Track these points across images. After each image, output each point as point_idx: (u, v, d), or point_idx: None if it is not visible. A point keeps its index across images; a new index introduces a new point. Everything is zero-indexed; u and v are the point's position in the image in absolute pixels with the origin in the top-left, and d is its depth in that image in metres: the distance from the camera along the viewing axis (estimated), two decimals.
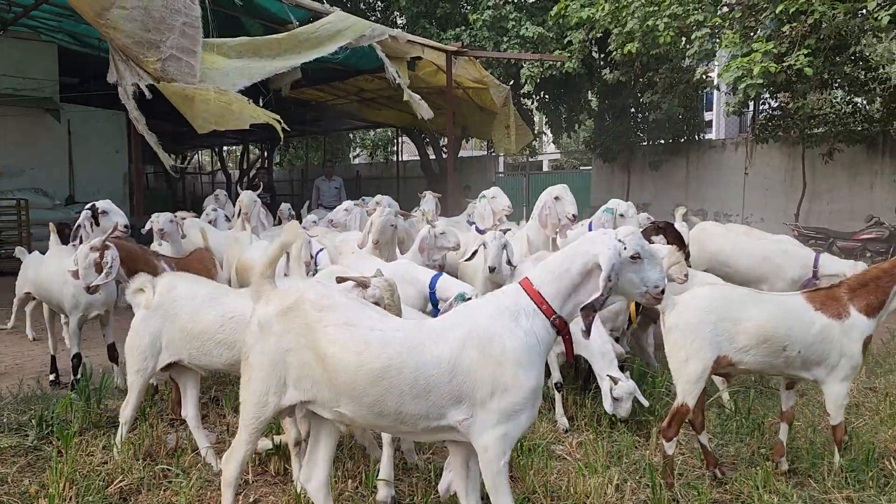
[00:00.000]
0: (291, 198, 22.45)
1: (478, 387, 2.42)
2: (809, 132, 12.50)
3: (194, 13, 6.71)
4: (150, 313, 3.54)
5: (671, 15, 9.15)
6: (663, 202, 14.08)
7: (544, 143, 33.08)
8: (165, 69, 6.52)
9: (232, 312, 3.42)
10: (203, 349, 3.45)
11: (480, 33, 12.51)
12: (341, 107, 16.41)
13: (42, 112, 13.14)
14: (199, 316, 3.45)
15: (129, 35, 6.38)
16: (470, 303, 2.77)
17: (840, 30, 8.04)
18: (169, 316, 3.51)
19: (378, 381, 2.42)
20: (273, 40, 8.05)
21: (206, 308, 3.46)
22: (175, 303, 3.52)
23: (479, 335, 2.45)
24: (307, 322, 2.54)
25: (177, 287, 3.58)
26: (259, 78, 7.49)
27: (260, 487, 3.44)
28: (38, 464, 3.65)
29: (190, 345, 3.48)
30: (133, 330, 3.60)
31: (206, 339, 3.43)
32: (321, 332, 2.51)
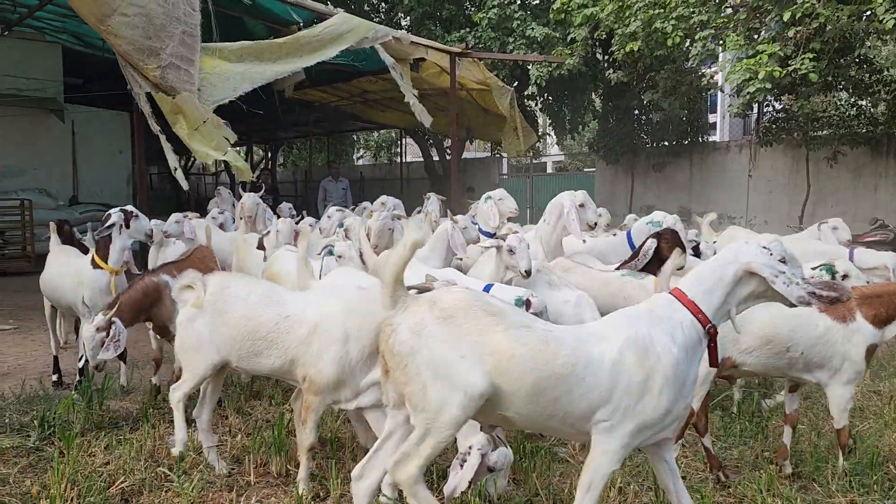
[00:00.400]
0: (295, 198, 22.49)
1: (627, 393, 2.48)
2: (813, 135, 12.47)
3: (193, 21, 6.72)
4: (199, 312, 3.45)
5: (678, 17, 9.13)
6: (666, 204, 14.04)
7: (548, 145, 33.08)
8: (165, 76, 6.54)
9: (287, 313, 3.31)
10: (254, 349, 3.34)
11: (486, 34, 12.51)
12: (345, 108, 16.43)
13: (46, 112, 13.18)
14: (253, 316, 3.34)
15: (129, 42, 6.40)
16: (625, 309, 2.73)
17: (845, 32, 8.02)
18: (220, 314, 3.40)
19: (561, 380, 2.46)
20: (275, 44, 8.04)
21: (261, 308, 3.35)
22: (227, 301, 3.42)
23: (638, 342, 2.51)
24: (481, 327, 2.52)
25: (230, 286, 3.49)
26: (261, 82, 7.49)
27: (262, 489, 3.43)
28: (39, 464, 3.64)
29: (240, 345, 3.36)
30: (182, 329, 3.50)
31: (257, 340, 3.32)
32: (502, 335, 2.49)
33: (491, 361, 2.48)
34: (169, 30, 6.49)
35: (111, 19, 6.27)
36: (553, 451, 3.81)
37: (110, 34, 6.37)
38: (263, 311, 3.34)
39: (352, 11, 10.82)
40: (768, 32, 8.72)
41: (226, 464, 3.66)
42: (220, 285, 3.47)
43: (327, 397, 3.20)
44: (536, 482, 3.38)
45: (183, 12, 6.62)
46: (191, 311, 3.47)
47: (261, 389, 4.93)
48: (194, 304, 3.46)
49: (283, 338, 3.27)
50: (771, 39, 8.44)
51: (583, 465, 2.55)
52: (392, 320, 2.60)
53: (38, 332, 7.24)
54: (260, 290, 3.47)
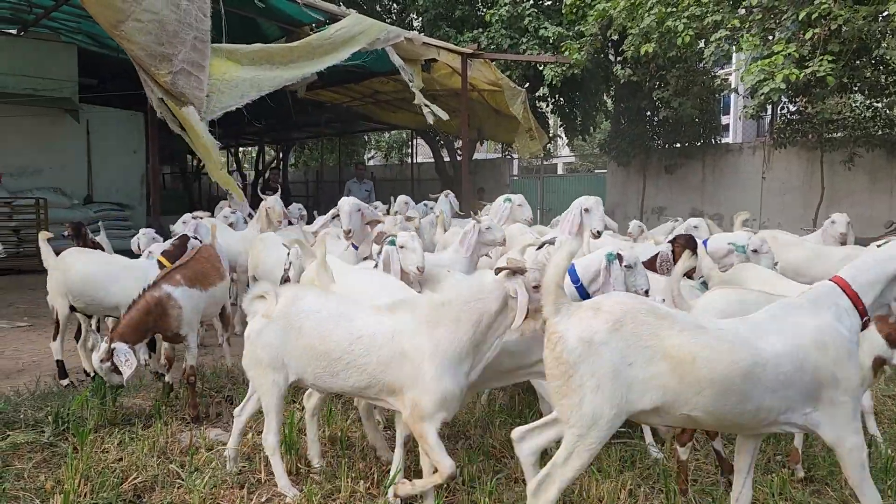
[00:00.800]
0: (306, 199, 22.59)
1: (819, 381, 2.56)
2: (828, 137, 12.37)
3: (205, 27, 6.78)
4: (269, 324, 3.22)
5: (690, 16, 9.07)
6: (678, 206, 13.99)
7: (559, 146, 33.02)
8: (175, 82, 6.60)
9: (361, 331, 3.09)
10: (330, 370, 3.11)
11: (497, 34, 12.49)
12: (356, 108, 16.48)
13: (61, 112, 13.30)
14: (326, 333, 3.12)
15: (142, 47, 6.47)
16: (786, 300, 2.80)
17: (861, 34, 7.95)
18: (292, 329, 3.18)
19: (747, 377, 2.50)
20: (286, 48, 8.08)
21: (334, 325, 3.13)
22: (299, 316, 3.19)
23: (813, 330, 2.59)
24: (653, 332, 2.54)
25: (302, 299, 3.26)
26: (269, 90, 7.54)
27: (273, 486, 3.44)
28: (53, 460, 3.68)
29: (315, 364, 3.14)
30: (250, 343, 3.27)
31: (333, 360, 3.09)
32: (678, 339, 2.52)
33: (665, 365, 2.51)
34: (181, 36, 6.55)
35: (125, 24, 6.33)
36: None
37: (124, 39, 6.45)
38: (336, 329, 3.12)
39: (364, 12, 10.83)
40: (784, 33, 8.65)
41: (237, 462, 3.68)
42: (292, 297, 3.28)
43: (437, 418, 2.96)
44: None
45: (195, 18, 6.68)
46: (261, 323, 3.25)
47: None
48: (265, 314, 3.25)
49: (360, 360, 3.05)
50: (787, 40, 8.37)
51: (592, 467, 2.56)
52: (557, 328, 2.59)
53: (52, 329, 7.29)
54: (332, 304, 3.23)
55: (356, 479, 3.45)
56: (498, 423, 4.19)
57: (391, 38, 9.20)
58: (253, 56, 7.59)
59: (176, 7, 6.54)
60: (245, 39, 10.42)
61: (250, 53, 7.58)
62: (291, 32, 9.94)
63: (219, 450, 3.85)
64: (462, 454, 3.69)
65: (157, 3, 6.41)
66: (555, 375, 2.59)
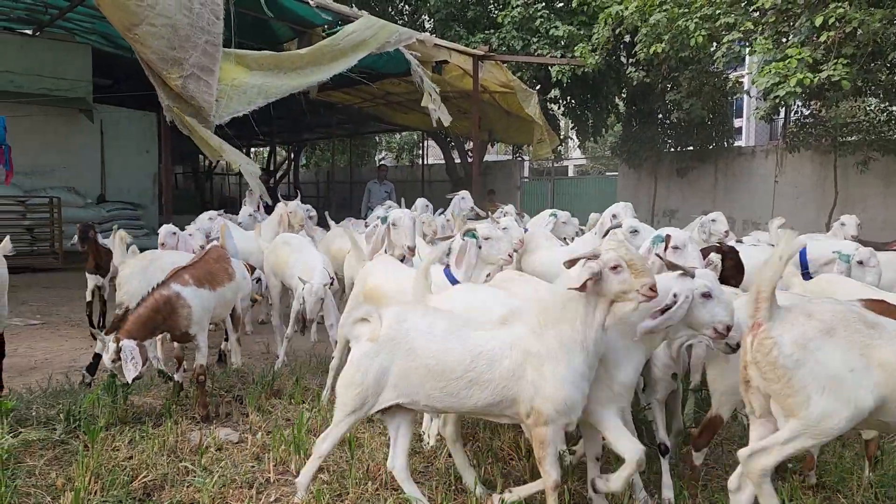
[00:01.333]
0: (317, 199, 22.67)
1: None
2: (842, 140, 12.27)
3: (216, 30, 6.82)
4: (376, 347, 3.07)
5: (702, 17, 9.02)
6: (690, 209, 13.91)
7: (570, 149, 32.95)
8: (186, 86, 6.66)
9: (480, 346, 3.00)
10: (448, 389, 3.00)
11: (509, 35, 12.47)
12: (368, 109, 16.52)
13: (75, 112, 13.42)
14: (443, 352, 3.01)
15: (154, 51, 6.53)
16: None
17: (877, 37, 7.88)
18: (401, 351, 3.05)
19: None
20: (296, 55, 8.10)
21: (450, 343, 3.03)
22: (409, 336, 3.07)
23: None
24: (864, 339, 2.62)
25: (408, 318, 3.13)
26: (276, 97, 7.58)
27: (281, 486, 3.45)
28: (65, 457, 3.70)
29: (430, 385, 3.03)
30: (353, 366, 3.11)
31: (452, 379, 2.98)
32: (888, 348, 2.59)
33: (880, 374, 2.57)
34: (193, 40, 6.60)
35: (139, 28, 6.39)
36: (570, 455, 3.79)
37: (137, 42, 6.51)
38: (453, 347, 3.02)
39: (375, 14, 10.86)
40: (797, 36, 8.59)
41: (246, 461, 3.69)
42: (397, 318, 3.13)
43: (559, 423, 2.91)
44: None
45: (207, 21, 6.72)
46: (367, 347, 3.10)
47: (281, 388, 4.97)
48: (370, 337, 3.11)
49: (484, 376, 2.96)
50: (800, 43, 8.31)
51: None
52: (771, 333, 2.66)
53: (64, 327, 7.37)
54: (442, 323, 3.12)
55: (364, 479, 3.46)
56: (506, 426, 4.18)
57: (403, 40, 9.21)
58: (262, 62, 7.62)
59: (189, 11, 6.58)
60: (256, 40, 10.50)
61: (259, 59, 7.61)
62: (303, 33, 9.98)
63: (228, 449, 3.87)
64: (471, 456, 3.68)
65: (170, 8, 6.45)
66: (772, 379, 2.66)
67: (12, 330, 7.21)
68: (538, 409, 2.89)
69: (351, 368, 3.13)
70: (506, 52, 12.32)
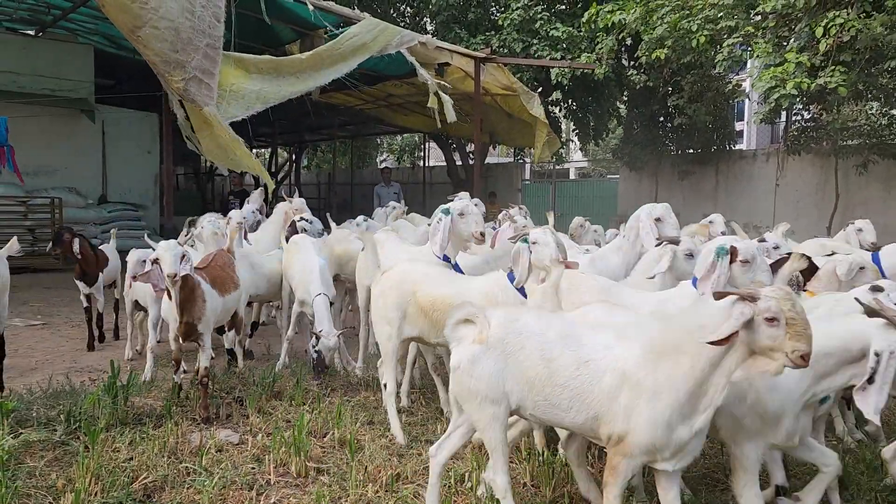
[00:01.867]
0: (318, 201, 22.67)
1: None
2: (843, 144, 12.28)
3: (217, 33, 6.87)
4: (484, 350, 2.85)
5: (704, 18, 9.04)
6: (691, 212, 13.91)
7: (571, 151, 32.96)
8: (188, 89, 6.73)
9: (589, 355, 2.73)
10: (552, 399, 2.76)
11: (509, 36, 12.50)
12: (369, 111, 16.53)
13: (77, 112, 13.44)
14: (552, 356, 2.77)
15: (157, 54, 6.58)
16: None
17: (877, 42, 7.89)
18: (511, 354, 2.83)
19: None
20: (296, 59, 8.13)
21: (560, 347, 2.78)
22: (519, 338, 2.85)
23: None
24: None
25: (519, 319, 2.92)
26: (275, 102, 7.66)
27: (281, 488, 3.45)
28: (65, 458, 3.70)
29: (536, 392, 2.79)
30: (462, 373, 2.90)
31: (556, 386, 2.74)
32: None
33: None
34: (195, 43, 6.65)
35: (142, 31, 6.44)
36: None
37: (140, 44, 6.59)
38: (562, 353, 2.77)
39: (377, 16, 10.87)
40: (797, 41, 8.61)
41: (246, 463, 3.69)
42: (508, 318, 2.92)
43: (639, 459, 2.67)
44: (547, 489, 3.37)
45: (208, 24, 6.76)
46: (472, 350, 2.87)
47: (282, 390, 4.97)
48: (477, 339, 2.88)
49: (585, 388, 2.71)
50: (799, 49, 8.32)
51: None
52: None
53: (65, 327, 7.38)
54: (557, 325, 2.88)
55: (365, 482, 3.46)
56: None
57: (404, 42, 9.22)
58: (261, 66, 7.66)
59: (191, 14, 6.61)
60: (259, 42, 10.50)
61: (259, 63, 7.65)
62: (305, 35, 9.98)
63: (228, 451, 3.87)
64: (470, 458, 3.68)
65: (173, 11, 6.49)
66: None
67: (13, 330, 7.22)
68: (620, 439, 2.64)
69: (458, 374, 2.90)
70: (506, 53, 12.33)
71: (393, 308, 4.17)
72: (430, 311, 4.05)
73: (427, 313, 4.08)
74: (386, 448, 3.94)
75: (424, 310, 4.08)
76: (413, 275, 4.22)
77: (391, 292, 4.20)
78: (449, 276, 4.29)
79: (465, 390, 2.89)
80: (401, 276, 4.25)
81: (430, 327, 4.08)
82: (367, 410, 4.60)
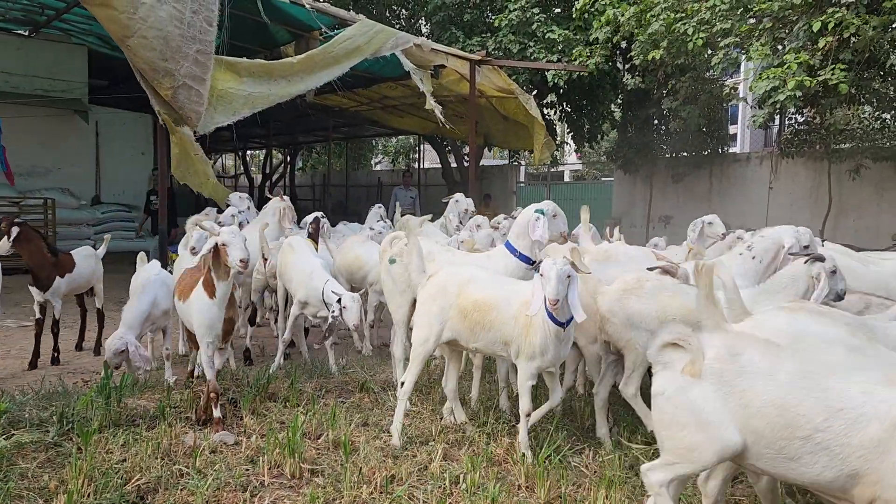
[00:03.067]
0: (313, 203, 22.64)
1: None
2: (836, 147, 12.33)
3: (208, 38, 6.89)
4: (697, 383, 2.56)
5: (700, 21, 9.06)
6: (685, 215, 13.95)
7: (566, 153, 33.01)
8: (177, 96, 6.76)
9: (842, 402, 2.34)
10: (788, 451, 2.39)
11: (506, 39, 12.51)
12: (364, 113, 16.53)
13: (71, 113, 13.40)
14: (791, 402, 2.40)
15: (146, 62, 6.63)
16: None
17: (872, 44, 7.92)
18: (732, 393, 2.50)
19: None
20: (287, 63, 8.13)
21: (800, 390, 2.40)
22: (743, 376, 2.52)
23: None
24: None
25: (744, 353, 2.58)
26: (264, 106, 7.70)
27: (276, 490, 3.44)
28: (57, 460, 3.68)
29: (765, 445, 2.45)
30: (668, 401, 2.64)
31: (795, 438, 2.37)
32: None
33: None
34: (184, 50, 6.70)
35: (131, 40, 6.49)
36: (566, 461, 3.79)
37: (129, 52, 6.65)
38: (803, 399, 2.39)
39: (373, 17, 10.87)
40: (794, 42, 8.62)
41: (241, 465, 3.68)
42: (728, 351, 2.59)
43: None
44: (541, 490, 3.37)
45: (199, 30, 6.79)
46: (682, 381, 2.60)
47: (276, 391, 4.95)
48: (689, 371, 2.58)
49: (839, 441, 2.31)
50: (797, 50, 8.34)
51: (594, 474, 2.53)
52: None
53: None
54: (789, 363, 2.50)
55: (359, 483, 3.45)
56: (503, 432, 4.19)
57: (399, 45, 9.22)
58: (252, 70, 7.71)
59: (180, 22, 6.65)
60: (254, 44, 10.49)
61: (250, 67, 7.70)
62: (301, 37, 9.98)
63: (222, 452, 3.86)
64: (466, 461, 3.68)
65: (162, 20, 6.54)
66: None
67: (6, 331, 7.20)
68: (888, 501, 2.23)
69: (662, 401, 2.67)
70: (502, 55, 12.33)
71: (436, 313, 4.09)
72: (472, 311, 3.96)
73: (467, 315, 3.99)
74: (380, 450, 3.93)
75: (465, 311, 3.99)
76: (458, 277, 4.15)
77: (437, 295, 4.12)
78: (496, 280, 4.20)
79: (670, 420, 2.65)
80: (447, 278, 4.17)
81: (468, 330, 4.00)
82: (362, 412, 4.59)
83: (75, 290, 6.18)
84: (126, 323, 4.84)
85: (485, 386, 5.03)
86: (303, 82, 8.20)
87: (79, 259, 6.07)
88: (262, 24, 9.82)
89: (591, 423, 4.38)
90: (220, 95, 7.20)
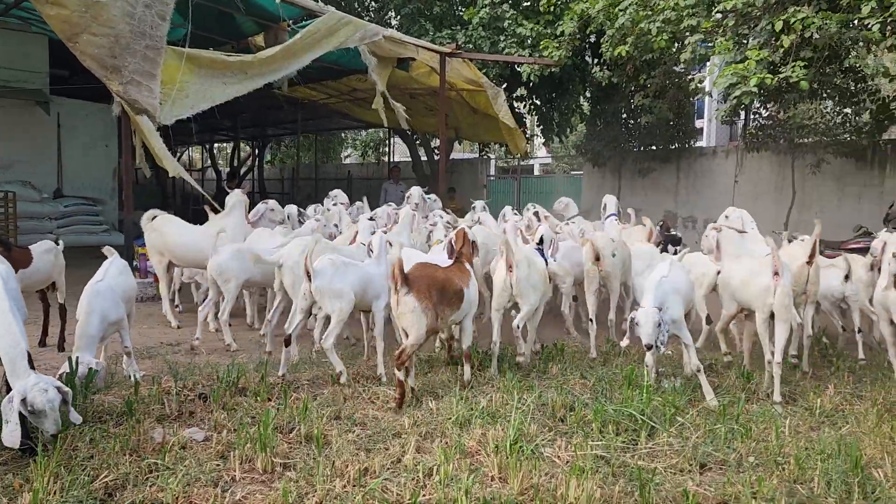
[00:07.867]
0: (282, 196, 22.39)
1: None
2: (798, 142, 12.59)
3: (159, 33, 6.80)
4: None
5: (665, 20, 9.17)
6: (653, 208, 14.13)
7: (535, 147, 33.17)
8: (127, 91, 6.69)
9: None
10: None
11: (476, 33, 12.51)
12: (333, 106, 16.39)
13: (31, 104, 13.07)
14: None
15: (94, 59, 6.55)
16: None
17: (832, 41, 8.10)
18: None
19: None
20: (247, 60, 8.07)
21: None
22: None
23: None
24: None
25: None
26: (220, 100, 7.70)
27: (247, 485, 3.41)
28: (22, 457, 3.60)
29: None
30: None
31: None
32: None
33: None
34: (132, 47, 6.63)
35: (80, 38, 6.42)
36: (539, 451, 3.82)
37: (77, 51, 6.54)
38: None
39: (342, 9, 10.77)
40: (757, 39, 8.78)
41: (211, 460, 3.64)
42: None
43: None
44: (515, 481, 3.39)
45: (150, 25, 6.70)
46: None
47: (246, 385, 4.90)
48: None
49: None
50: (760, 46, 8.49)
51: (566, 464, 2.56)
52: None
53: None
54: None
55: (332, 477, 3.44)
56: (475, 423, 4.20)
57: (368, 36, 9.17)
58: (213, 64, 7.68)
59: (131, 17, 6.57)
60: (221, 34, 10.33)
61: (210, 61, 7.68)
62: (268, 28, 9.86)
63: (192, 448, 3.81)
64: (439, 452, 3.69)
65: (114, 18, 6.46)
66: None
67: None
68: None
69: None
70: (472, 49, 12.34)
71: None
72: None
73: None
74: (353, 443, 3.92)
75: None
76: None
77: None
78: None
79: None
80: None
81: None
82: (335, 405, 4.57)
83: (33, 286, 5.93)
84: (80, 348, 4.65)
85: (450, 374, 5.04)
86: (262, 77, 8.17)
87: (37, 254, 5.82)
88: (227, 15, 9.67)
89: (563, 415, 4.43)
90: (179, 90, 7.13)
